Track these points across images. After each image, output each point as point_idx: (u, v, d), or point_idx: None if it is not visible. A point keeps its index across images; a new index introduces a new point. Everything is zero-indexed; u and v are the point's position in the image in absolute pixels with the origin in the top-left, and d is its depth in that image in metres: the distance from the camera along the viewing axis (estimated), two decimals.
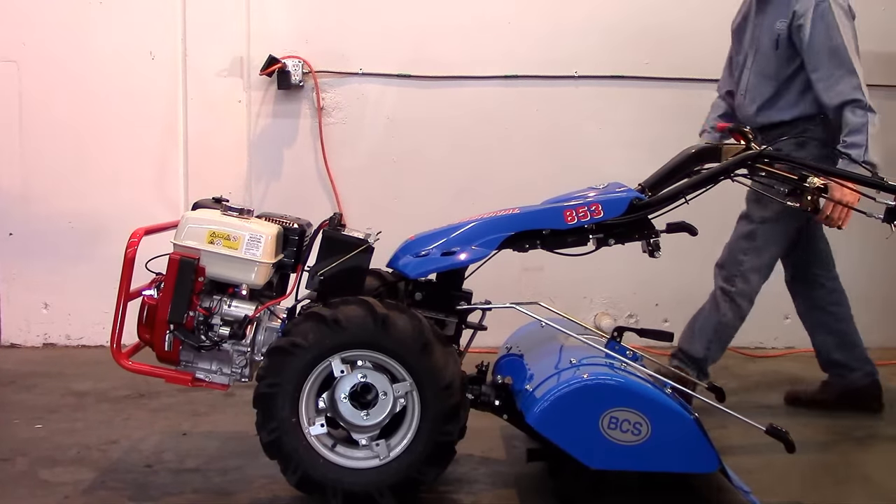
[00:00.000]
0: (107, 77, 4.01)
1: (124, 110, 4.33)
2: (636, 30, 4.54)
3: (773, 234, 3.43)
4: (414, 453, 2.44)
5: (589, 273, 4.61)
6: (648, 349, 3.94)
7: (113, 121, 4.34)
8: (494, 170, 4.55)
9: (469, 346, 2.77)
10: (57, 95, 4.25)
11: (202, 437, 3.13)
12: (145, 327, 2.60)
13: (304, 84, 4.42)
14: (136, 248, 2.60)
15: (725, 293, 3.53)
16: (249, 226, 2.56)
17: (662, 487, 2.64)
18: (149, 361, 2.66)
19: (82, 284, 4.33)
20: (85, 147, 4.36)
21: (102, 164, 4.37)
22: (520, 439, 3.07)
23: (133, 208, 4.25)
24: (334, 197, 4.14)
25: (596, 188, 2.76)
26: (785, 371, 4.30)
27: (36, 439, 3.09)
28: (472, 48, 4.50)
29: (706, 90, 4.53)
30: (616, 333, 2.70)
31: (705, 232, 4.58)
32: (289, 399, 2.41)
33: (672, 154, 4.58)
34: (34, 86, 4.20)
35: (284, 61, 4.34)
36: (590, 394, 2.33)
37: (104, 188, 4.35)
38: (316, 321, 2.41)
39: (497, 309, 2.72)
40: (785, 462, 2.78)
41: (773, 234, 3.43)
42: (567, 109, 4.56)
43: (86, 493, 2.62)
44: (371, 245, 2.63)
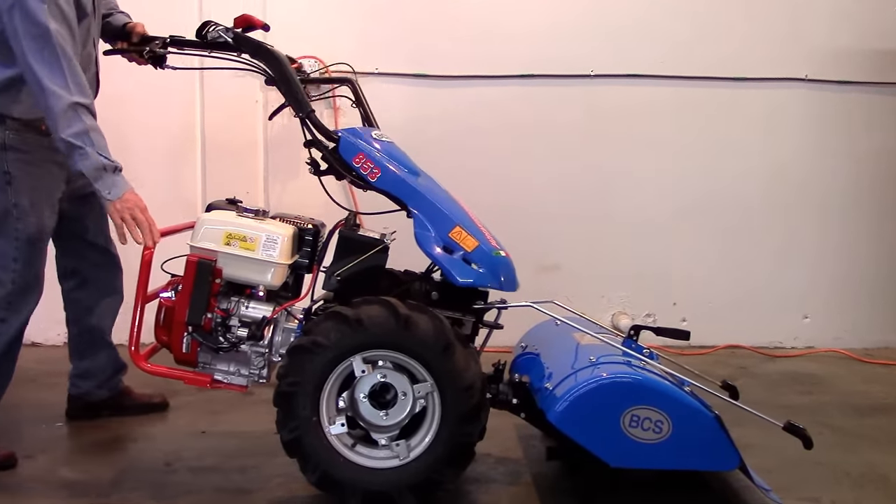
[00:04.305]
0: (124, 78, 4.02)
1: (142, 111, 4.35)
2: (652, 28, 4.52)
3: None
4: (434, 454, 2.44)
5: (606, 272, 4.62)
6: (665, 348, 3.93)
7: (130, 122, 4.35)
8: (509, 169, 4.54)
9: (485, 345, 2.77)
10: None
11: (221, 436, 3.14)
12: (163, 329, 2.62)
13: (319, 84, 4.43)
14: (152, 250, 2.62)
15: None
16: (265, 227, 2.57)
17: (681, 485, 2.63)
18: (167, 363, 2.67)
19: None
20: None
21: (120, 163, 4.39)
22: (537, 438, 3.07)
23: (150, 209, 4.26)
24: (350, 197, 4.14)
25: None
26: (804, 371, 4.28)
27: (57, 438, 3.12)
28: (486, 47, 4.49)
29: (724, 88, 4.55)
30: (633, 332, 2.69)
31: (722, 230, 4.63)
32: (309, 398, 2.42)
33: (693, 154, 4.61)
34: None
35: (300, 61, 4.32)
36: (612, 392, 2.33)
37: None
38: (338, 320, 2.41)
39: (512, 308, 2.71)
40: (804, 461, 2.77)
41: None
42: (583, 108, 4.55)
43: (106, 492, 2.63)
44: (387, 244, 2.64)
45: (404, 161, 2.71)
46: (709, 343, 4.59)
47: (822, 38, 4.57)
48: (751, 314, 4.68)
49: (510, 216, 4.34)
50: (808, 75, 4.57)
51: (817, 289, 4.71)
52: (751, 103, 4.58)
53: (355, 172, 2.64)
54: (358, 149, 2.64)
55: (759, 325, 4.67)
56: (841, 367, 4.40)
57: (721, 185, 4.62)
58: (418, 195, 2.63)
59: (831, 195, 4.67)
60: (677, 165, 4.60)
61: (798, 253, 4.68)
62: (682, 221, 4.62)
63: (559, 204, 4.58)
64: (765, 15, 4.54)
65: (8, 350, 2.82)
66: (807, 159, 4.63)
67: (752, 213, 4.65)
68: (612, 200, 4.60)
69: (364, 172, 2.63)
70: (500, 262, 2.64)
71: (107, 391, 3.28)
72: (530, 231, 4.45)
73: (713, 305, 4.65)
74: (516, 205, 4.50)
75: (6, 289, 2.77)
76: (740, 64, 4.54)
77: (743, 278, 4.66)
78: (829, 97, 4.60)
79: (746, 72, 4.55)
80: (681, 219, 4.62)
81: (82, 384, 3.25)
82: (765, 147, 4.61)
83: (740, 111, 4.59)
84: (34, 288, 2.85)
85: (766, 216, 4.65)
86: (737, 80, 4.55)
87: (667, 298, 4.66)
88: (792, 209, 4.66)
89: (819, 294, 4.71)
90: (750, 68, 4.55)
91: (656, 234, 4.62)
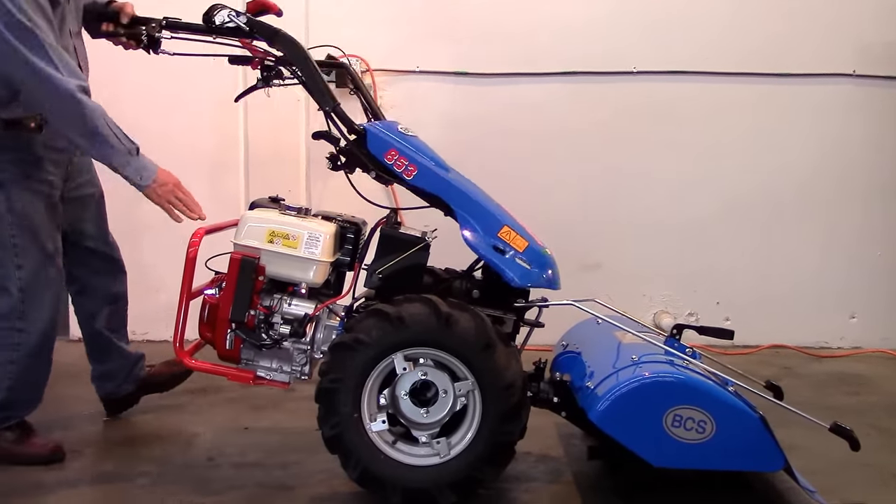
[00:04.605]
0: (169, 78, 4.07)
1: (186, 111, 4.41)
2: (694, 23, 4.48)
3: None
4: (474, 452, 2.44)
5: (648, 270, 4.59)
6: (708, 347, 3.89)
7: (175, 121, 4.42)
8: (551, 168, 4.52)
9: (526, 344, 2.76)
10: (123, 97, 4.33)
11: (263, 432, 3.17)
12: (207, 326, 2.64)
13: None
14: (197, 248, 2.64)
15: None
16: (308, 225, 2.59)
17: (724, 485, 2.61)
18: (210, 359, 2.70)
19: (147, 281, 4.42)
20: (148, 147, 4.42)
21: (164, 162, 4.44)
22: (577, 437, 3.05)
23: None
24: (392, 195, 4.15)
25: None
26: (851, 371, 4.21)
27: (102, 432, 3.17)
28: (527, 45, 4.48)
29: (767, 84, 4.49)
30: (675, 331, 2.67)
31: (765, 228, 4.57)
32: (351, 395, 2.43)
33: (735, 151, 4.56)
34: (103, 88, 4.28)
35: (342, 60, 4.36)
36: (654, 391, 2.31)
37: None
38: (380, 318, 2.42)
39: (554, 306, 2.70)
40: (850, 463, 2.73)
41: None
42: (624, 106, 4.52)
43: (150, 486, 2.67)
44: (428, 242, 2.64)
45: (435, 157, 2.69)
46: (753, 343, 4.53)
47: (869, 32, 4.49)
48: (796, 313, 4.61)
49: (552, 213, 4.34)
50: (856, 70, 4.49)
51: (865, 288, 4.63)
52: (795, 99, 4.51)
53: (385, 168, 2.61)
54: (390, 144, 2.61)
55: (805, 325, 4.61)
56: (889, 367, 4.33)
57: (763, 182, 4.56)
58: (462, 195, 2.62)
59: (874, 191, 4.59)
60: (719, 163, 4.55)
61: (843, 251, 4.60)
62: (724, 219, 4.57)
63: (601, 201, 4.55)
64: (809, 8, 4.48)
65: (38, 353, 2.81)
66: (849, 154, 4.55)
67: (795, 210, 4.59)
68: (655, 198, 4.56)
69: (398, 170, 2.60)
70: (547, 261, 2.64)
71: (131, 385, 3.25)
72: (572, 229, 4.44)
73: (757, 304, 4.59)
74: (558, 202, 4.49)
75: (14, 298, 2.73)
76: (784, 60, 4.48)
77: (787, 277, 4.60)
78: (876, 93, 4.51)
79: (791, 68, 4.48)
80: (724, 217, 4.57)
81: (105, 385, 3.25)
82: (807, 143, 4.54)
83: (784, 107, 4.52)
84: (46, 290, 2.79)
85: (809, 213, 4.58)
86: (781, 75, 4.48)
87: (710, 297, 4.61)
88: (833, 205, 4.58)
89: (866, 293, 4.63)
90: (795, 64, 4.48)
91: (699, 233, 4.58)
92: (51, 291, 2.82)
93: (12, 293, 2.73)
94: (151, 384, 3.32)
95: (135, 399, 3.29)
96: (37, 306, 2.78)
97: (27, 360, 2.79)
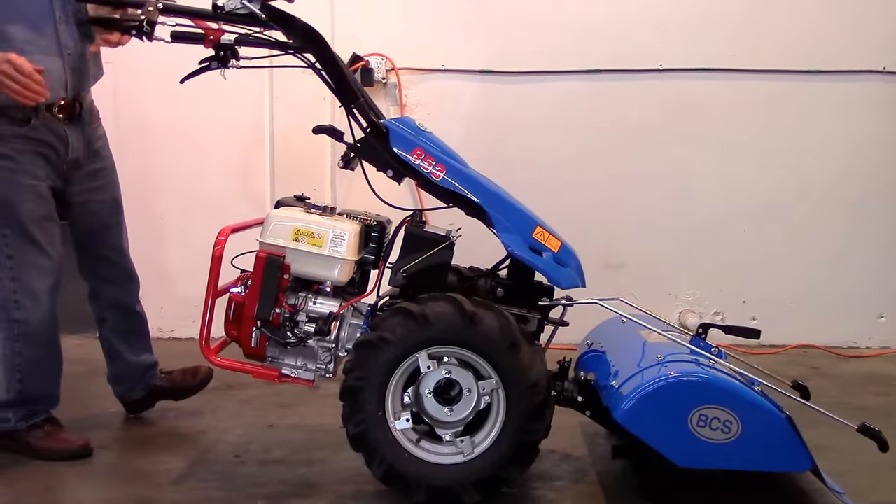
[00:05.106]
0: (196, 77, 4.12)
1: (212, 109, 4.43)
2: (721, 20, 4.44)
3: None
4: (498, 451, 2.43)
5: (674, 269, 4.56)
6: (734, 347, 3.86)
7: (202, 120, 4.45)
8: (574, 166, 4.51)
9: (550, 342, 2.75)
10: (149, 94, 4.37)
11: (288, 429, 3.19)
12: (232, 324, 2.65)
13: (387, 81, 4.46)
14: (223, 246, 2.66)
15: None
16: (333, 223, 2.59)
17: (750, 485, 2.58)
18: (236, 357, 2.71)
19: (173, 279, 4.46)
20: (175, 145, 4.48)
21: (191, 161, 4.49)
22: (602, 436, 3.04)
23: (220, 204, 4.36)
24: (416, 194, 4.16)
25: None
26: (880, 372, 4.16)
27: (130, 428, 3.20)
28: (553, 43, 4.46)
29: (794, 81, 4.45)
30: (701, 330, 2.65)
31: (791, 226, 4.53)
32: (375, 393, 2.43)
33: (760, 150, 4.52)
34: (128, 86, 4.33)
35: (368, 59, 4.38)
36: (680, 391, 2.29)
37: (193, 185, 4.48)
38: (404, 316, 2.42)
39: (578, 305, 2.69)
40: (879, 464, 2.69)
41: None
42: (650, 104, 4.49)
43: (177, 482, 2.69)
44: (453, 241, 2.64)
45: (454, 154, 2.67)
46: (779, 342, 4.49)
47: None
48: (823, 313, 4.56)
49: (577, 212, 4.34)
50: (887, 67, 4.43)
51: (893, 288, 4.57)
52: (825, 96, 4.46)
53: (410, 168, 2.58)
54: (415, 143, 2.58)
55: (833, 325, 4.56)
56: None
57: (789, 181, 4.51)
58: (493, 195, 2.59)
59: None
60: (746, 160, 4.51)
61: (871, 250, 4.55)
62: (751, 218, 4.54)
63: (626, 200, 4.53)
64: (838, 4, 4.43)
65: (42, 343, 2.83)
66: (879, 152, 4.50)
67: (823, 208, 4.54)
68: (680, 197, 4.53)
69: (426, 171, 2.58)
70: (578, 260, 2.65)
71: (142, 391, 3.24)
72: (597, 228, 4.43)
73: (784, 304, 4.55)
74: (583, 200, 4.47)
75: (8, 288, 2.75)
76: (814, 56, 4.43)
77: (815, 276, 4.55)
78: None
79: (820, 64, 4.43)
80: (750, 215, 4.53)
81: (117, 387, 3.25)
82: (836, 140, 4.49)
83: (813, 104, 4.48)
84: (39, 281, 2.79)
85: (837, 211, 4.53)
86: (808, 72, 4.44)
87: (736, 296, 4.58)
88: (861, 204, 4.52)
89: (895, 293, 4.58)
90: (824, 61, 4.43)
91: (725, 231, 4.54)
92: (44, 282, 2.82)
93: (5, 284, 2.76)
94: (164, 392, 3.30)
95: (148, 404, 3.30)
96: (32, 296, 2.79)
97: (32, 350, 2.82)
